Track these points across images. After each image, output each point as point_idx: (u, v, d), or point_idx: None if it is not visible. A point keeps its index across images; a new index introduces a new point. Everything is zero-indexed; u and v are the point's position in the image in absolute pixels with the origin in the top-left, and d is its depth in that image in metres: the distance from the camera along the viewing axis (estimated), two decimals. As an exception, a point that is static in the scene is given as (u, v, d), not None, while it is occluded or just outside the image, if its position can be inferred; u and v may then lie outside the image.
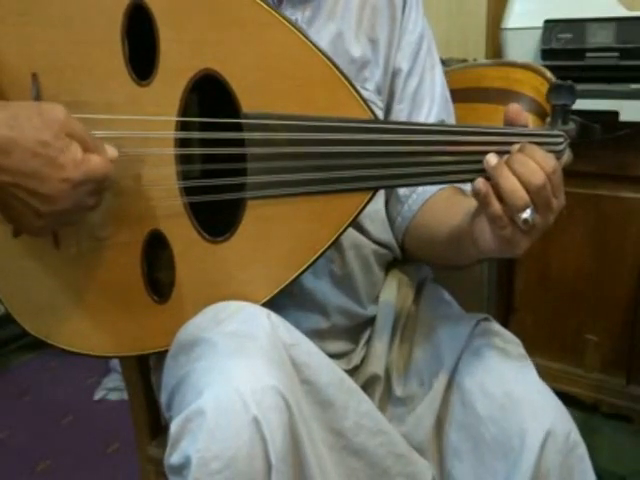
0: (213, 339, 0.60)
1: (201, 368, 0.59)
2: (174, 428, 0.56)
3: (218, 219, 0.66)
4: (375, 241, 0.81)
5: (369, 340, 0.84)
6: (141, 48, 0.63)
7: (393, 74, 0.83)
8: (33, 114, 0.53)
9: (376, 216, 0.82)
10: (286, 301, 0.75)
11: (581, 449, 0.66)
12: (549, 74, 0.91)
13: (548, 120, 0.65)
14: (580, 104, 0.69)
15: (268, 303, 0.67)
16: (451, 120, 0.87)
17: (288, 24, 0.64)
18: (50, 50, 0.62)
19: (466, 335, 0.74)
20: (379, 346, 0.81)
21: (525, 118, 0.62)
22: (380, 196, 0.84)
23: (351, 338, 0.82)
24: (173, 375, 0.64)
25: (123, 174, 0.63)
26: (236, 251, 0.66)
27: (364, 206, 0.66)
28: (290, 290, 0.70)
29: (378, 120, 0.68)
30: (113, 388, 1.79)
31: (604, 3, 1.38)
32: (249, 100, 0.64)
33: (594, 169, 1.39)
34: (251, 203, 0.65)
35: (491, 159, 0.60)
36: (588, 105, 1.23)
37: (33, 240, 0.63)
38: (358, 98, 0.65)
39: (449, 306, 0.84)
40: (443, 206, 0.79)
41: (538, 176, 0.56)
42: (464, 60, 1.52)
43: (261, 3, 0.63)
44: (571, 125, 0.64)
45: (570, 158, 0.66)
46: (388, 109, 0.84)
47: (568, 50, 1.35)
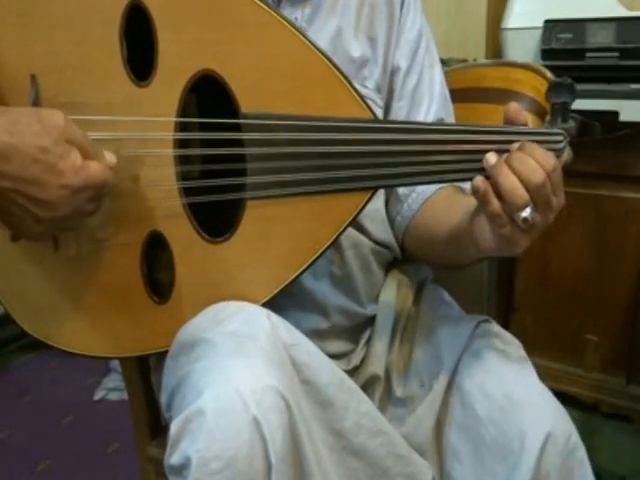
0: (213, 339, 0.60)
1: (201, 368, 0.59)
2: (174, 428, 0.56)
3: (218, 219, 0.66)
4: (375, 241, 0.81)
5: (369, 340, 0.84)
6: (140, 49, 0.63)
7: (392, 72, 0.83)
8: (33, 120, 0.53)
9: (376, 215, 0.82)
10: (286, 301, 0.75)
11: (581, 452, 0.65)
12: (549, 74, 0.90)
13: (548, 118, 0.65)
14: (580, 104, 0.69)
15: (268, 303, 0.67)
16: (450, 118, 0.87)
17: (287, 24, 0.64)
18: (49, 51, 0.61)
19: (466, 336, 0.74)
20: (379, 346, 0.81)
21: (525, 117, 0.62)
22: (380, 195, 0.84)
23: (351, 338, 0.82)
24: (173, 375, 0.64)
25: (122, 175, 0.63)
26: (236, 251, 0.66)
27: (363, 206, 0.66)
28: (290, 290, 0.70)
29: (377, 120, 0.68)
30: (113, 388, 1.79)
31: (604, 3, 1.38)
32: (248, 100, 0.64)
33: (594, 169, 1.38)
34: (251, 203, 0.65)
35: (490, 158, 0.60)
36: (588, 105, 1.23)
37: (33, 242, 0.63)
38: (357, 98, 0.65)
39: (449, 307, 0.84)
40: (443, 205, 0.79)
41: (538, 174, 0.56)
42: (464, 60, 1.51)
43: (260, 3, 0.63)
44: (571, 123, 0.64)
45: (570, 156, 0.65)
46: (387, 107, 0.84)
47: (568, 50, 1.34)
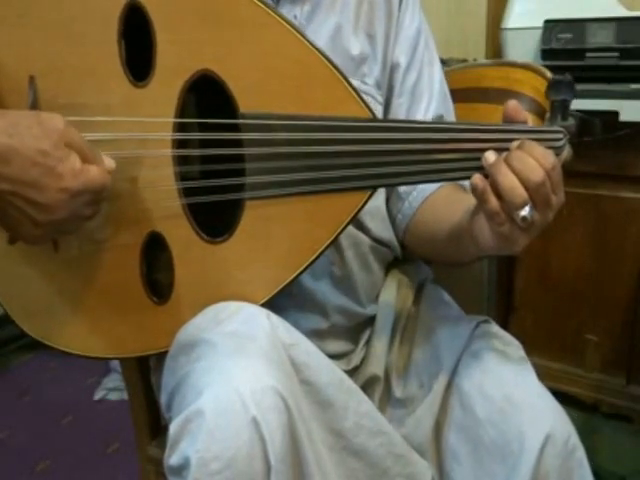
0: (213, 339, 0.60)
1: (201, 368, 0.59)
2: (173, 429, 0.56)
3: (217, 220, 0.66)
4: (375, 238, 0.81)
5: (369, 340, 0.84)
6: (138, 49, 0.63)
7: (392, 68, 0.83)
8: (33, 123, 0.53)
9: (377, 213, 0.82)
10: (285, 301, 0.75)
11: (580, 453, 0.65)
12: (549, 74, 0.90)
13: (547, 116, 0.65)
14: (580, 104, 0.69)
15: (267, 303, 0.67)
16: (450, 115, 0.87)
17: (285, 24, 0.64)
18: (47, 52, 0.61)
19: (466, 337, 0.74)
20: (379, 347, 0.81)
21: (524, 115, 0.62)
22: (381, 193, 0.84)
23: (351, 338, 0.82)
24: (173, 376, 0.64)
25: (121, 176, 0.63)
26: (235, 251, 0.66)
27: (363, 205, 0.66)
28: (289, 290, 0.70)
29: (377, 119, 0.68)
30: (113, 388, 1.79)
31: (604, 3, 1.37)
32: (247, 100, 0.63)
33: (594, 169, 1.38)
34: (250, 203, 0.65)
35: (489, 156, 0.60)
36: (588, 105, 1.23)
37: (31, 245, 0.63)
38: (356, 97, 0.65)
39: (449, 307, 0.84)
40: (443, 203, 0.79)
41: (537, 173, 0.55)
42: (464, 60, 1.51)
43: (258, 3, 0.63)
44: (570, 121, 0.64)
45: (570, 154, 0.65)
46: (387, 103, 0.84)
47: (568, 50, 1.34)
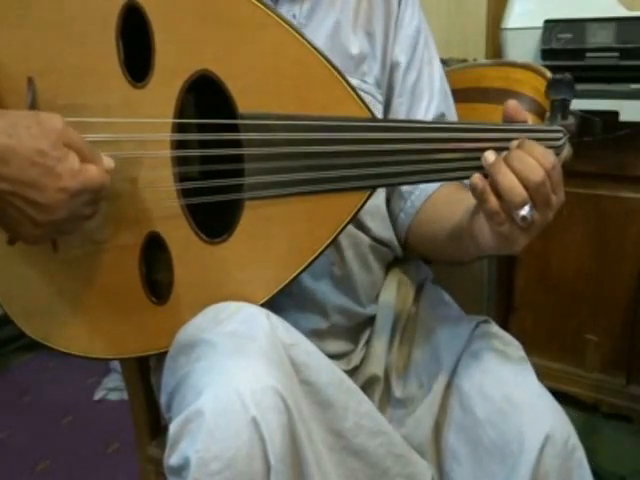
0: (213, 340, 0.60)
1: (201, 368, 0.59)
2: (173, 429, 0.56)
3: (216, 220, 0.66)
4: (375, 238, 0.81)
5: (369, 340, 0.84)
6: (136, 50, 0.63)
7: (392, 68, 0.83)
8: (32, 123, 0.53)
9: (377, 212, 0.82)
10: (285, 301, 0.75)
11: (580, 453, 0.65)
12: (549, 74, 0.90)
13: (547, 115, 0.65)
14: (580, 104, 0.69)
15: (267, 303, 0.67)
16: (451, 113, 0.87)
17: (284, 23, 0.64)
18: (46, 52, 0.61)
19: (465, 337, 0.74)
20: (379, 347, 0.81)
21: (524, 115, 0.62)
22: (381, 192, 0.84)
23: (351, 338, 0.82)
24: (173, 376, 0.64)
25: (120, 177, 0.63)
26: (234, 252, 0.66)
27: (362, 205, 0.66)
28: (289, 290, 0.70)
29: (376, 118, 0.68)
30: (113, 388, 1.79)
31: (604, 3, 1.37)
32: (245, 100, 0.63)
33: (594, 169, 1.38)
34: (249, 204, 0.65)
35: (489, 156, 0.60)
36: (588, 105, 1.22)
37: (30, 245, 0.63)
38: (355, 96, 0.65)
39: (449, 307, 0.84)
40: (444, 202, 0.79)
41: (537, 173, 0.55)
42: (464, 60, 1.51)
43: (256, 3, 0.63)
44: (570, 120, 0.64)
45: (570, 153, 0.65)
46: (388, 103, 0.84)
47: (568, 50, 1.34)
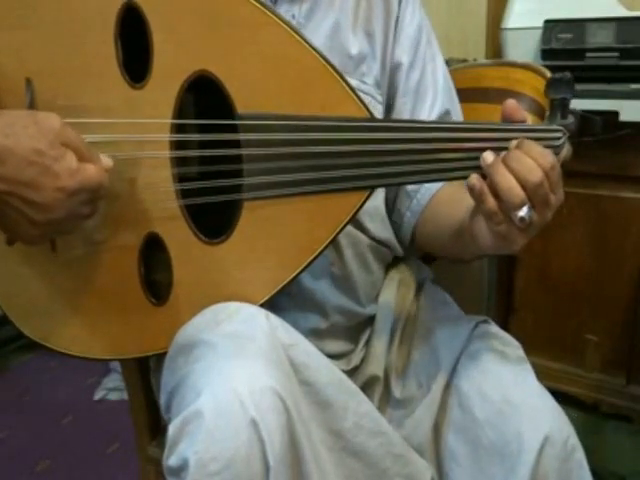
0: (212, 340, 0.60)
1: (200, 369, 0.59)
2: (172, 430, 0.56)
3: (215, 220, 0.66)
4: (374, 238, 0.81)
5: (368, 340, 0.84)
6: (135, 50, 0.63)
7: (394, 68, 0.83)
8: (29, 123, 0.53)
9: (375, 213, 0.82)
10: (285, 301, 0.75)
11: (579, 454, 0.65)
12: (549, 74, 0.90)
13: (547, 114, 0.65)
14: (580, 104, 0.69)
15: (266, 303, 0.67)
16: (456, 109, 0.87)
17: (283, 24, 0.64)
18: (45, 53, 0.61)
19: (465, 337, 0.74)
20: (378, 347, 0.81)
21: (522, 114, 0.61)
22: (379, 193, 0.84)
23: (350, 338, 0.82)
24: (172, 376, 0.64)
25: (119, 177, 0.63)
26: (233, 252, 0.66)
27: (361, 205, 0.66)
28: (289, 290, 0.70)
29: (375, 118, 0.68)
30: (113, 388, 1.79)
31: (604, 3, 1.37)
32: (244, 101, 0.63)
33: (594, 169, 1.38)
34: (248, 204, 0.65)
35: (487, 156, 0.59)
36: (588, 105, 1.22)
37: (29, 246, 0.63)
38: (354, 97, 0.65)
39: (448, 307, 0.84)
40: (448, 200, 0.79)
41: (535, 173, 0.55)
42: (464, 60, 1.51)
43: (255, 3, 0.63)
44: (570, 119, 0.63)
45: (570, 152, 0.65)
46: (391, 103, 0.84)
47: (568, 50, 1.34)
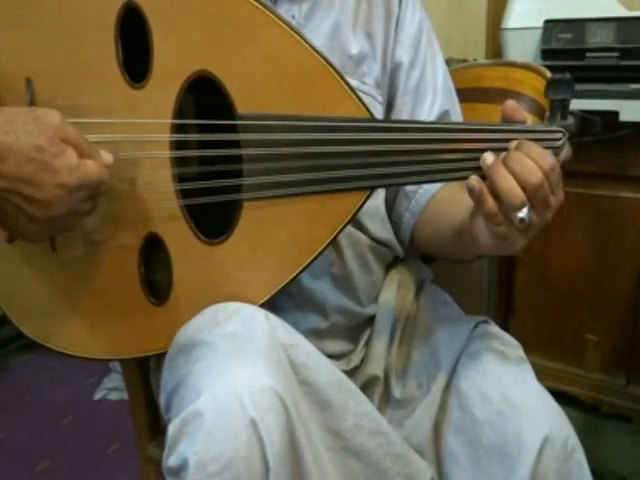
0: (212, 340, 0.60)
1: (199, 369, 0.59)
2: (172, 430, 0.56)
3: (215, 221, 0.66)
4: (374, 238, 0.81)
5: (369, 341, 0.84)
6: (135, 50, 0.63)
7: (394, 68, 0.83)
8: (28, 119, 0.53)
9: (375, 213, 0.82)
10: (285, 301, 0.75)
11: (579, 454, 0.65)
12: (549, 74, 0.90)
13: (547, 115, 0.64)
14: (580, 104, 0.69)
15: (266, 304, 0.67)
16: (455, 109, 0.87)
17: (283, 24, 0.64)
18: (45, 53, 0.61)
19: (464, 337, 0.74)
20: (379, 347, 0.81)
21: (522, 115, 0.61)
22: (380, 193, 0.84)
23: (350, 338, 0.82)
24: (172, 376, 0.64)
25: (119, 177, 0.63)
26: (233, 252, 0.66)
27: (361, 205, 0.66)
28: (289, 290, 0.70)
29: (374, 119, 0.68)
30: (113, 388, 1.79)
31: (604, 3, 1.37)
32: (244, 101, 0.63)
33: (594, 169, 1.38)
34: (248, 204, 0.65)
35: (487, 158, 0.59)
36: (588, 105, 1.22)
37: (30, 244, 0.63)
38: (354, 97, 0.65)
39: (448, 308, 0.84)
40: (447, 201, 0.79)
41: (535, 175, 0.55)
42: (464, 60, 1.51)
43: (255, 3, 0.63)
44: (570, 120, 0.63)
45: (569, 153, 0.64)
46: (391, 103, 0.84)
47: (568, 50, 1.34)
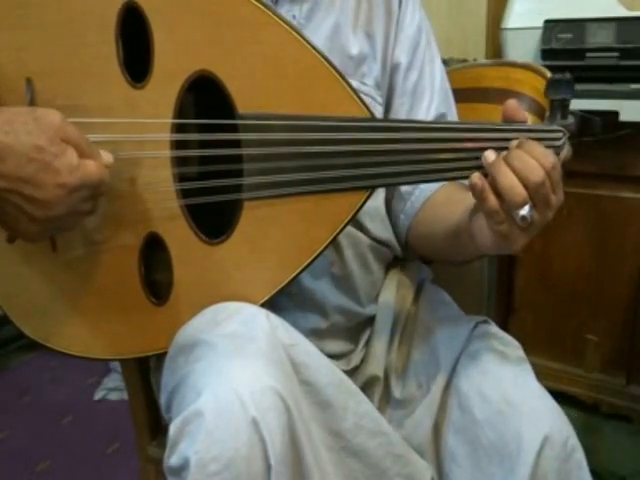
0: (212, 340, 0.60)
1: (200, 369, 0.59)
2: (173, 430, 0.56)
3: (215, 220, 0.66)
4: (374, 239, 0.81)
5: (369, 341, 0.84)
6: (136, 50, 0.63)
7: (392, 69, 0.83)
8: (28, 119, 0.53)
9: (375, 213, 0.82)
10: (285, 301, 0.75)
11: (579, 454, 0.65)
12: (549, 74, 0.90)
13: (547, 115, 0.65)
14: (580, 104, 0.69)
15: (267, 304, 0.67)
16: (451, 112, 0.87)
17: (283, 23, 0.64)
18: (46, 53, 0.61)
19: (464, 337, 0.73)
20: (379, 347, 0.81)
21: (523, 114, 0.61)
22: (380, 193, 0.84)
23: (350, 338, 0.82)
24: (172, 376, 0.64)
25: (120, 177, 0.63)
26: (234, 252, 0.66)
27: (361, 205, 0.66)
28: (289, 290, 0.70)
29: (375, 118, 0.68)
30: (113, 388, 1.79)
31: (604, 3, 1.37)
32: (245, 101, 0.63)
33: (594, 169, 1.38)
34: (248, 204, 0.65)
35: (489, 155, 0.59)
36: (588, 105, 1.23)
37: (31, 244, 0.63)
38: (354, 97, 0.65)
39: (448, 308, 0.84)
40: (444, 202, 0.79)
41: (537, 173, 0.55)
42: (464, 60, 1.51)
43: (256, 3, 0.63)
44: (570, 119, 0.63)
45: (570, 152, 0.64)
46: (389, 104, 0.84)
47: (568, 50, 1.34)
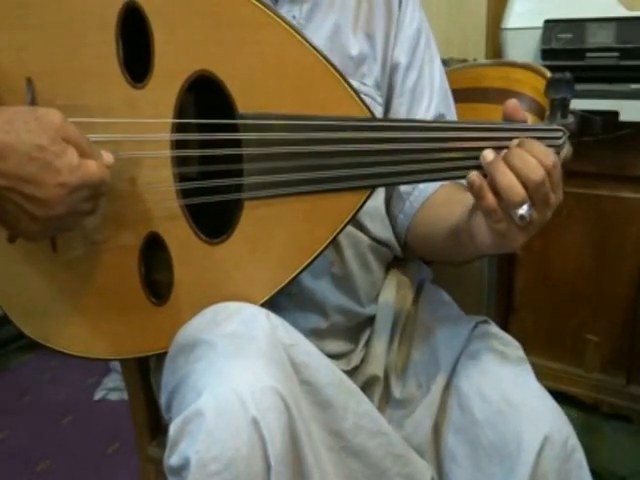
0: (212, 340, 0.60)
1: (200, 369, 0.59)
2: (173, 429, 0.56)
3: (215, 220, 0.66)
4: (374, 238, 0.81)
5: (369, 340, 0.84)
6: (136, 50, 0.63)
7: (392, 69, 0.83)
8: (29, 118, 0.53)
9: (375, 213, 0.82)
10: (285, 301, 0.75)
11: (579, 454, 0.65)
12: (549, 74, 0.90)
13: (547, 114, 0.64)
14: (580, 104, 0.69)
15: (267, 303, 0.67)
16: (451, 112, 0.87)
17: (284, 23, 0.64)
18: (46, 53, 0.61)
19: (464, 337, 0.73)
20: (379, 347, 0.81)
21: (523, 114, 0.61)
22: (380, 193, 0.84)
23: (350, 338, 0.82)
24: (172, 376, 0.64)
25: (120, 177, 0.63)
26: (234, 252, 0.66)
27: (362, 205, 0.66)
28: (289, 290, 0.70)
29: (375, 118, 0.68)
30: (113, 388, 1.79)
31: (604, 3, 1.37)
32: (245, 100, 0.64)
33: (594, 169, 1.38)
34: (248, 204, 0.65)
35: (487, 154, 0.59)
36: (588, 105, 1.23)
37: (31, 244, 0.63)
38: (355, 96, 0.65)
39: (448, 308, 0.84)
40: (443, 203, 0.79)
41: (537, 172, 0.55)
42: (464, 60, 1.51)
43: (256, 3, 0.63)
44: (570, 119, 0.63)
45: (570, 152, 0.64)
46: (388, 103, 0.84)
47: (568, 50, 1.34)
